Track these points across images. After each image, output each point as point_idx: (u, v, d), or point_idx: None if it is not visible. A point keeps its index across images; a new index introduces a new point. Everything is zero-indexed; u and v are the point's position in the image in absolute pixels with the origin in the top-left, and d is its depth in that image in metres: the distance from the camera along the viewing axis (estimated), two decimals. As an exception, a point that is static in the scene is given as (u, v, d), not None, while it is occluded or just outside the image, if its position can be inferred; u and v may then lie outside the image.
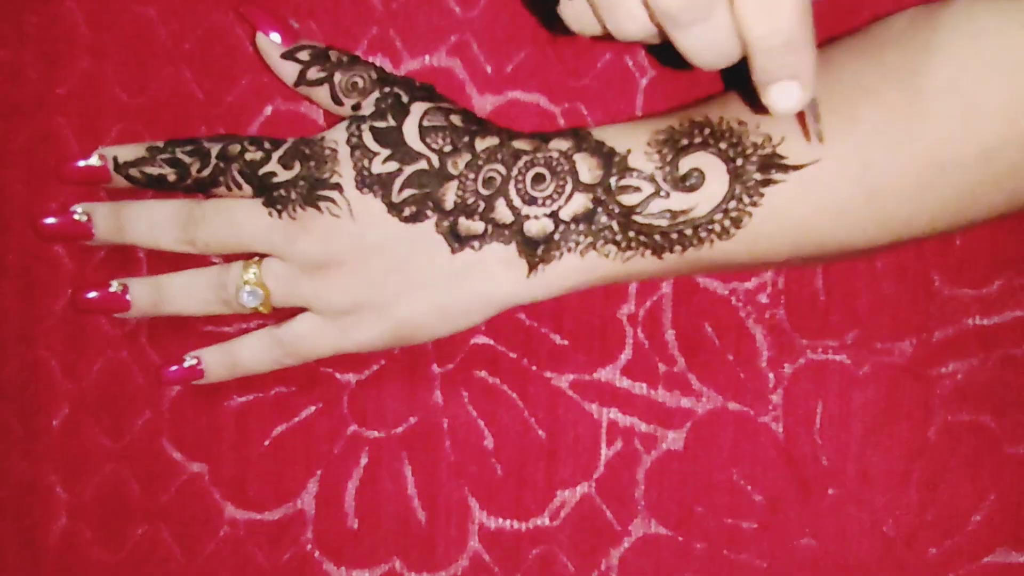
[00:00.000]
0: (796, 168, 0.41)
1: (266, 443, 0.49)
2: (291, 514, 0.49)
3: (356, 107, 0.45)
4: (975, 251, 0.48)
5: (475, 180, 0.43)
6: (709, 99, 0.44)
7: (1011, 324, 0.48)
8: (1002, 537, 0.47)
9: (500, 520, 0.48)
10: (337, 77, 0.45)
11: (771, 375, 0.48)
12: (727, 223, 0.41)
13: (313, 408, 0.49)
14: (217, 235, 0.46)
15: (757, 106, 0.41)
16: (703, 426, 0.48)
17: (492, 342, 0.48)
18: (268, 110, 0.49)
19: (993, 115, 0.40)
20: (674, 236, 0.42)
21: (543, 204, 0.43)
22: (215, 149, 0.46)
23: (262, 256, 0.46)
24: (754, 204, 0.41)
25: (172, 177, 0.46)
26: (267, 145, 0.45)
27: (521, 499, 0.48)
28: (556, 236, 0.43)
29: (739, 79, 0.41)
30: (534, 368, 0.48)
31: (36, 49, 0.49)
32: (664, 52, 0.36)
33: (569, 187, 0.43)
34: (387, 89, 0.45)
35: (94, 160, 0.47)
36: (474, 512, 0.49)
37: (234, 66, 0.49)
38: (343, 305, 0.44)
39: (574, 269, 0.43)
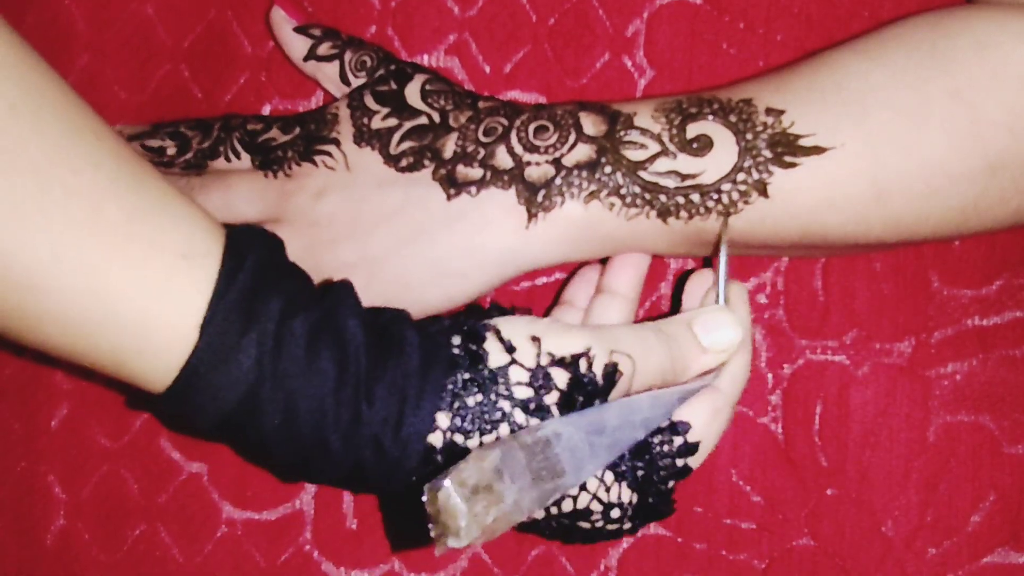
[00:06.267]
0: (806, 151, 0.40)
1: (265, 443, 0.49)
2: (290, 514, 0.49)
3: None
4: (974, 252, 0.48)
5: (476, 130, 0.42)
6: (718, 87, 0.44)
7: (1010, 324, 0.48)
8: (1002, 537, 0.47)
9: (499, 520, 0.48)
10: (348, 55, 0.46)
11: (770, 376, 0.48)
12: (735, 195, 0.40)
13: (312, 408, 0.49)
14: (211, 202, 0.45)
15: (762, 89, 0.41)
16: (702, 426, 0.48)
17: (491, 342, 0.48)
18: (266, 109, 0.49)
19: (999, 128, 0.39)
20: (680, 200, 0.41)
21: (545, 152, 0.41)
22: (217, 123, 0.46)
23: None
24: (763, 181, 0.40)
25: (172, 150, 0.46)
26: (268, 119, 0.46)
27: (520, 499, 0.48)
28: (558, 181, 0.41)
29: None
30: (533, 368, 0.48)
31: (35, 47, 0.49)
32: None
33: (573, 137, 0.41)
34: (392, 66, 0.45)
35: None
36: (473, 512, 0.48)
37: (233, 64, 0.49)
38: (334, 264, 0.43)
39: (576, 221, 0.41)
